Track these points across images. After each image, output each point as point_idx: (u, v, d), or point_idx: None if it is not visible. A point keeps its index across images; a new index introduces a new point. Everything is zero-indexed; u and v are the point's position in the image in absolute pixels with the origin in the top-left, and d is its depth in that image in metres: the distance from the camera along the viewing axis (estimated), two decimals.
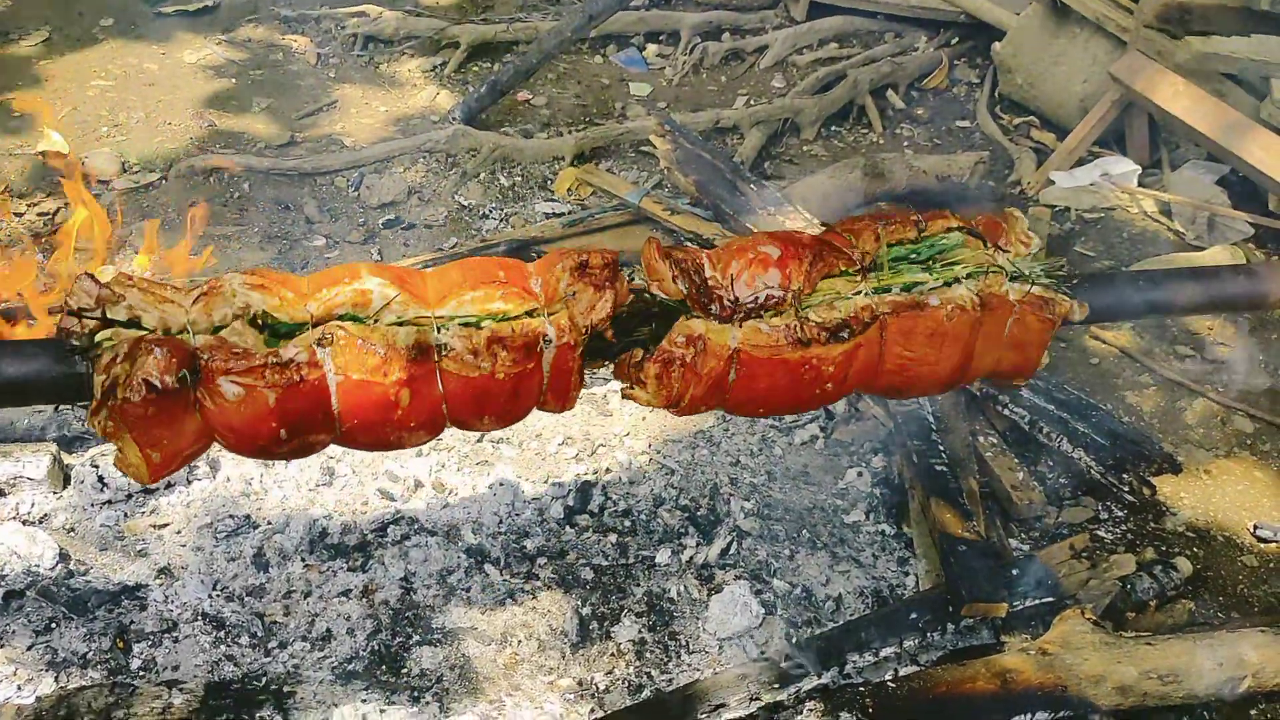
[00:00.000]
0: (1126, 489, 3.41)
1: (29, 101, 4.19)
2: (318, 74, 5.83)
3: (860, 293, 2.30)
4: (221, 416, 1.98)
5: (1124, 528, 3.42)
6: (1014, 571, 2.99)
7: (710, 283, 2.23)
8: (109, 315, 1.96)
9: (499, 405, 2.20)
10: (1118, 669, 2.72)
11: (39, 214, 4.47)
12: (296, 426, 2.03)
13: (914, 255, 2.38)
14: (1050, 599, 2.96)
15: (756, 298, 2.23)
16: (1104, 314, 2.60)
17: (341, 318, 2.05)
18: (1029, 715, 2.65)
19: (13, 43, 5.85)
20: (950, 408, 3.57)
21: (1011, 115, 5.98)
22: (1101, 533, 3.39)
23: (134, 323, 1.97)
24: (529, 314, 2.15)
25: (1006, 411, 3.61)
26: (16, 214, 4.43)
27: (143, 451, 1.96)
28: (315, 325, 2.04)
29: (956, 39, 6.52)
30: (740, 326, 2.22)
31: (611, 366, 2.29)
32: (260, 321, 2.02)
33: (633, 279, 2.30)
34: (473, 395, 2.13)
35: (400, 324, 2.07)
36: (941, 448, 3.35)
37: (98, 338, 1.96)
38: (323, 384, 2.02)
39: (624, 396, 2.29)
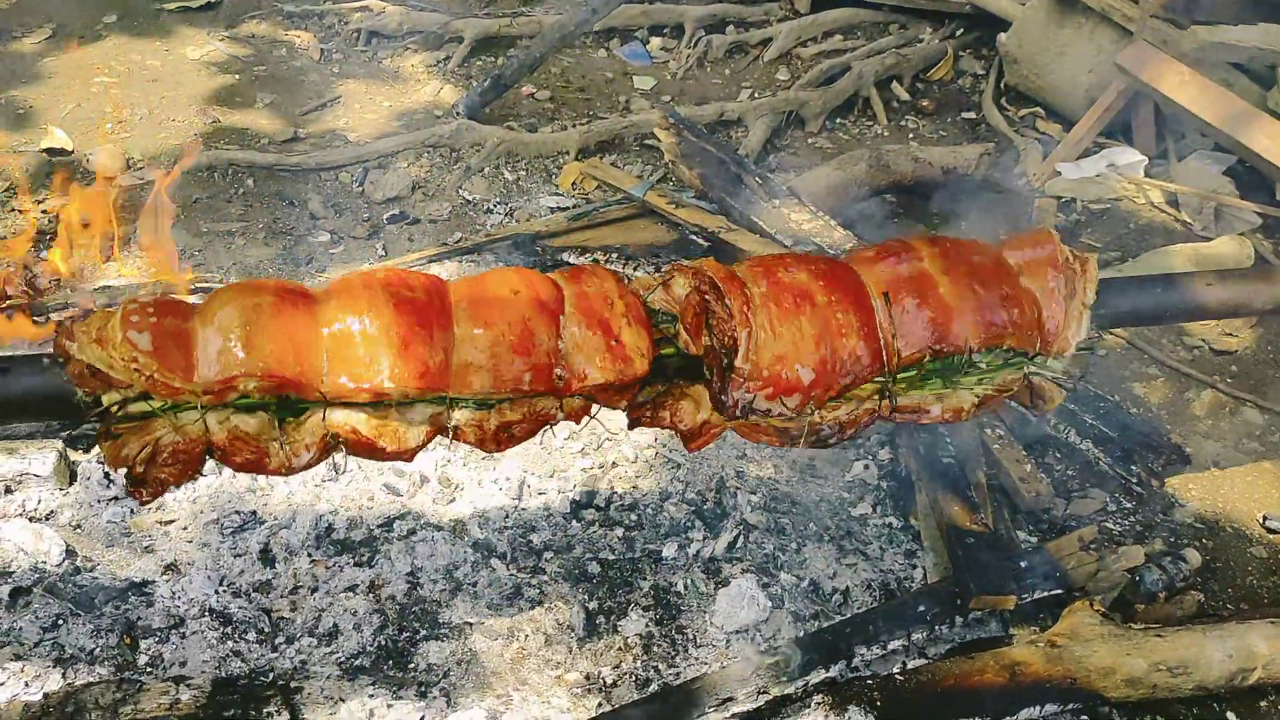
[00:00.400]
0: (1134, 480, 3.39)
1: None
2: (321, 69, 5.82)
3: (869, 402, 2.20)
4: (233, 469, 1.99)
5: (1132, 519, 3.40)
6: (1022, 564, 2.97)
7: (735, 372, 2.08)
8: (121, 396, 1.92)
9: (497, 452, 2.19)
10: (1127, 661, 2.71)
11: (43, 210, 4.46)
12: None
13: (946, 368, 2.21)
14: (1059, 591, 2.95)
15: (769, 410, 2.10)
16: (1122, 320, 2.57)
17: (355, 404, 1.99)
18: (1038, 708, 2.65)
19: (16, 39, 5.84)
20: None
21: (1017, 106, 5.96)
22: (1110, 525, 3.38)
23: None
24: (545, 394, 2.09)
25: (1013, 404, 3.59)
26: (19, 210, 4.42)
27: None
28: (328, 405, 1.97)
29: (961, 30, 6.49)
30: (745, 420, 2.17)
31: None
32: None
33: (658, 319, 2.20)
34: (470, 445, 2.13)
35: (413, 403, 2.00)
36: (949, 440, 3.33)
37: (104, 400, 1.91)
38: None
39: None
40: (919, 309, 2.07)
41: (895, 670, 2.75)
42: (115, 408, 1.85)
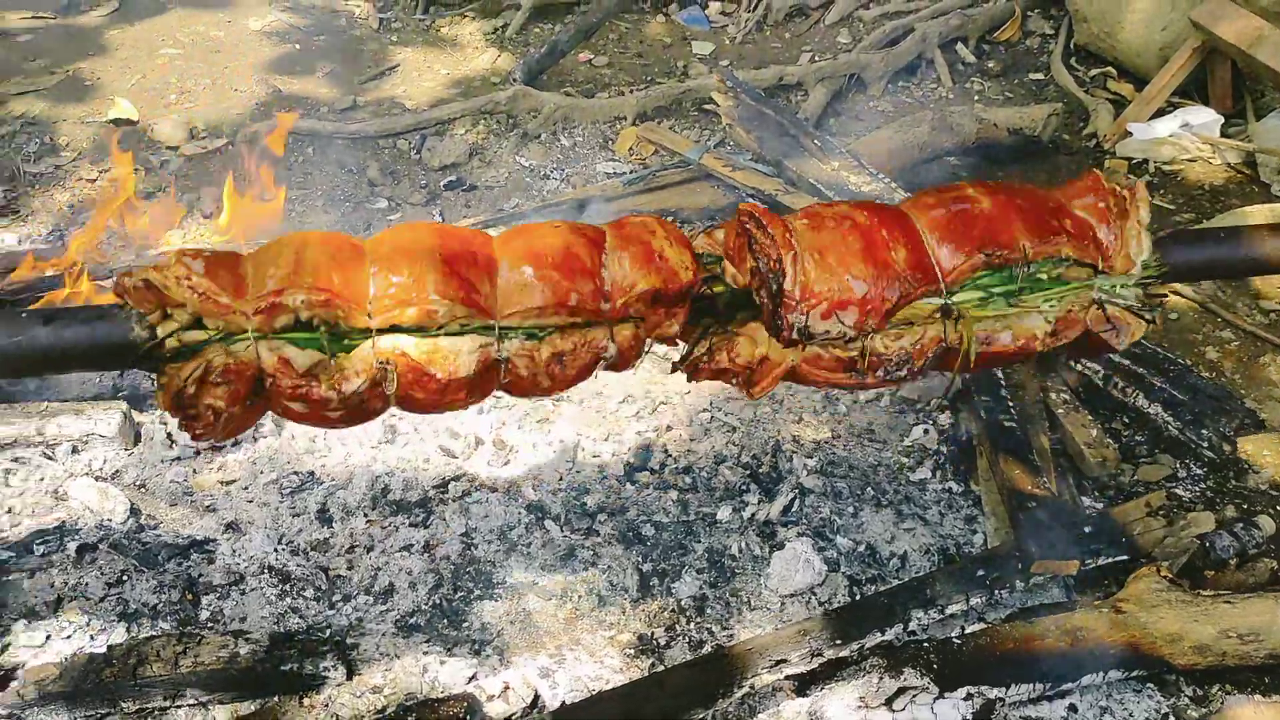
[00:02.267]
0: (1205, 446, 3.29)
1: None
2: (379, 38, 5.84)
3: (932, 323, 2.13)
4: (285, 415, 1.98)
5: (1203, 485, 3.30)
6: (1086, 529, 2.90)
7: (785, 296, 2.01)
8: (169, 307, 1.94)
9: (553, 393, 2.16)
10: (1195, 628, 2.64)
11: (109, 180, 4.54)
12: (355, 420, 2.02)
13: (1006, 282, 2.09)
14: (1124, 557, 2.87)
15: (827, 331, 2.03)
16: (1193, 272, 2.46)
17: (404, 329, 1.98)
18: (1100, 674, 2.59)
19: (83, 13, 5.94)
20: (1021, 363, 3.48)
21: (1087, 66, 5.80)
22: (1179, 491, 3.28)
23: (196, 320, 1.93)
24: (592, 324, 2.06)
25: (1079, 367, 3.50)
26: (88, 179, 4.50)
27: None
28: (378, 333, 1.97)
29: None
30: (803, 349, 2.12)
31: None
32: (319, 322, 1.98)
33: (703, 259, 2.17)
34: (526, 391, 2.10)
35: (462, 331, 1.99)
36: (1010, 404, 3.26)
37: (159, 331, 1.93)
38: (384, 399, 2.00)
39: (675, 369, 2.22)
40: (964, 219, 2.04)
41: (953, 635, 2.70)
42: (171, 337, 1.87)
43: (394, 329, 1.91)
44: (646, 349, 2.22)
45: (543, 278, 1.98)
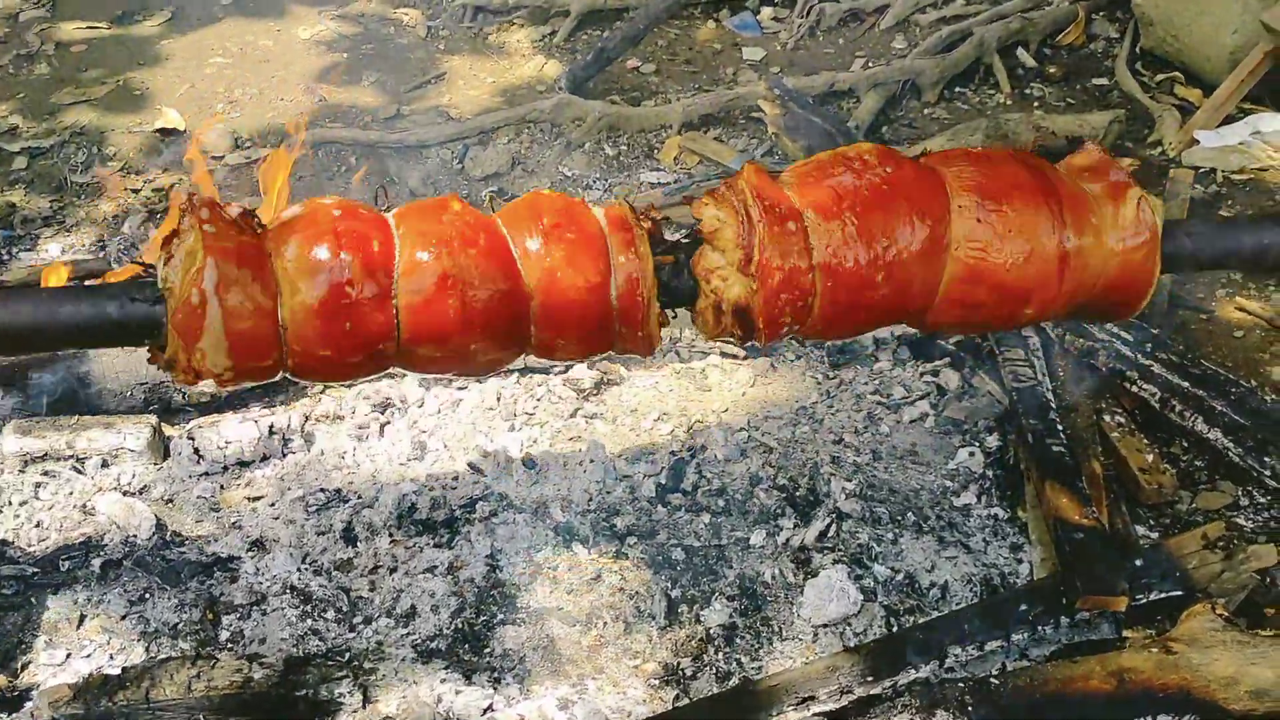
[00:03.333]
0: (1269, 473, 3.12)
1: None
2: (427, 46, 5.82)
3: None
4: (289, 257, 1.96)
5: (1266, 515, 3.13)
6: (1137, 562, 2.76)
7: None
8: None
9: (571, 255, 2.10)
10: (1252, 670, 2.48)
11: (154, 189, 4.56)
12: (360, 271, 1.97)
13: None
14: (1178, 592, 2.72)
15: None
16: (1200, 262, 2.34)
17: None
18: (1149, 719, 2.44)
19: (138, 23, 6.01)
20: (1073, 383, 3.33)
21: (1154, 71, 5.59)
22: (1240, 520, 3.12)
23: None
24: None
25: (1135, 389, 3.35)
26: (133, 190, 4.53)
27: (220, 277, 1.89)
28: None
29: None
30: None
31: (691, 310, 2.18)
32: None
33: None
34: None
35: None
36: (1060, 427, 3.12)
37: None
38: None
39: (700, 312, 2.16)
40: None
41: (992, 673, 2.58)
42: None
43: None
44: (684, 357, 2.19)
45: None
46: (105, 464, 3.20)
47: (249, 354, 1.95)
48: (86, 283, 3.30)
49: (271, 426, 3.27)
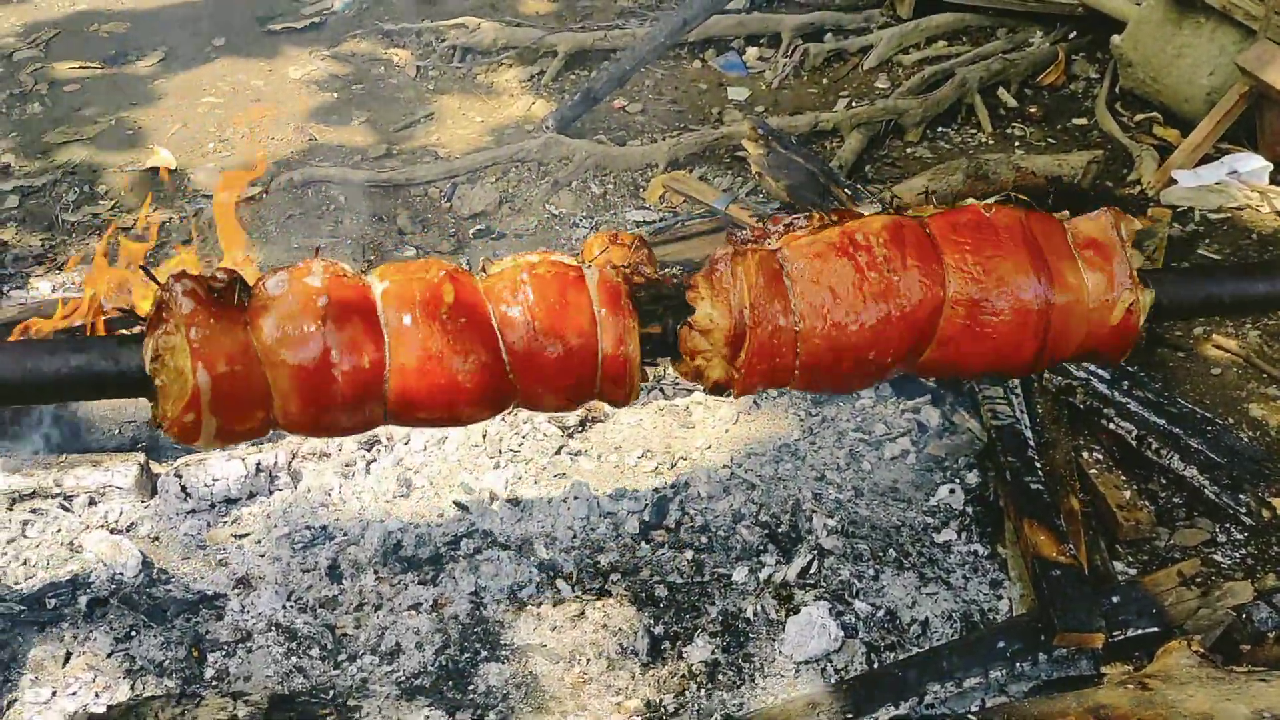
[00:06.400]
0: (1244, 511, 3.16)
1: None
2: (417, 86, 5.89)
3: None
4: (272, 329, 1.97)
5: (1243, 552, 3.17)
6: (1114, 598, 2.79)
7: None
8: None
9: (548, 330, 2.11)
10: (1226, 707, 2.50)
11: (144, 227, 4.60)
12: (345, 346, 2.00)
13: None
14: (1155, 629, 2.76)
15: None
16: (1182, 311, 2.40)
17: None
18: None
19: (131, 63, 6.07)
20: (1052, 422, 3.37)
21: (1133, 111, 5.68)
22: (1218, 557, 3.15)
23: None
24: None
25: (1113, 426, 3.39)
26: (124, 228, 4.57)
27: (194, 360, 1.91)
28: None
29: (1074, 33, 6.23)
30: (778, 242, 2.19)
31: (676, 377, 2.23)
32: None
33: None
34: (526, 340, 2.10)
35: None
36: (1038, 464, 3.16)
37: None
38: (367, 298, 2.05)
39: (681, 373, 2.21)
40: None
41: (970, 710, 2.60)
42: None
43: None
44: (668, 395, 2.23)
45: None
46: (93, 502, 3.21)
47: (240, 424, 2.00)
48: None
49: (258, 464, 3.29)
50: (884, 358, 2.17)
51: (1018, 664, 2.68)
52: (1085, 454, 3.37)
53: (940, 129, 5.63)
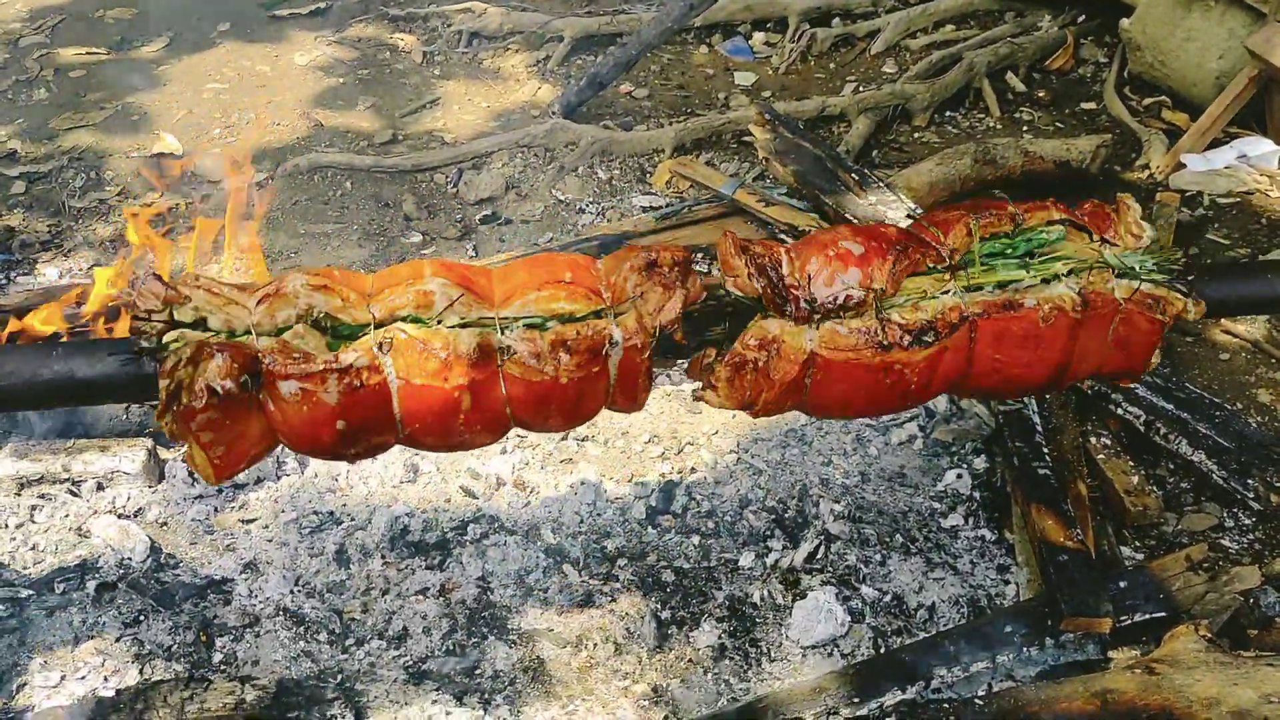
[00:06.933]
0: (1251, 496, 3.15)
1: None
2: (422, 71, 5.87)
3: (948, 292, 2.13)
4: (284, 419, 1.96)
5: (1250, 537, 3.16)
6: (1121, 583, 2.79)
7: (787, 280, 2.09)
8: (176, 317, 1.96)
9: (563, 408, 2.11)
10: (1234, 691, 2.50)
11: (152, 215, 4.59)
12: (358, 429, 1.99)
13: (1010, 250, 2.19)
14: (1162, 614, 2.75)
15: (835, 298, 2.08)
16: (1227, 308, 2.37)
17: (404, 319, 2.01)
18: None
19: (136, 48, 6.06)
20: (1059, 407, 3.36)
21: (1141, 95, 5.65)
22: (1225, 541, 3.15)
23: (200, 323, 1.96)
24: (596, 314, 2.06)
25: (1121, 411, 3.38)
26: (130, 214, 4.56)
27: (207, 453, 1.95)
28: (377, 326, 2.00)
29: (1082, 17, 6.19)
30: (817, 328, 2.09)
31: (685, 365, 2.20)
32: (323, 323, 2.00)
33: (709, 273, 2.20)
34: (536, 399, 2.05)
35: (464, 325, 2.01)
36: (1045, 449, 3.15)
37: (165, 339, 1.96)
38: (384, 388, 1.97)
39: (695, 398, 2.18)
40: (948, 210, 2.25)
41: (977, 694, 2.60)
42: (176, 340, 1.90)
43: (394, 319, 1.95)
44: (674, 380, 2.21)
45: (536, 267, 2.08)
46: (101, 487, 3.22)
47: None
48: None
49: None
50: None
51: (1025, 649, 2.68)
52: (1093, 439, 3.36)
53: (948, 113, 5.60)
